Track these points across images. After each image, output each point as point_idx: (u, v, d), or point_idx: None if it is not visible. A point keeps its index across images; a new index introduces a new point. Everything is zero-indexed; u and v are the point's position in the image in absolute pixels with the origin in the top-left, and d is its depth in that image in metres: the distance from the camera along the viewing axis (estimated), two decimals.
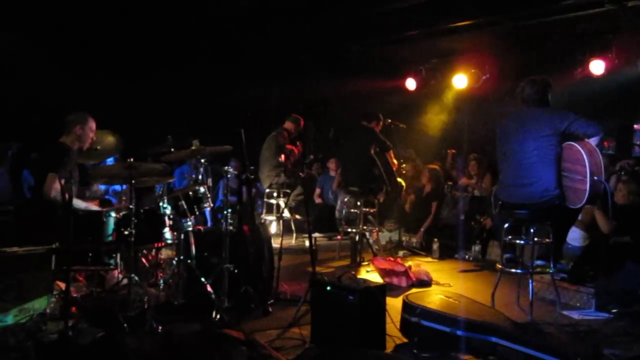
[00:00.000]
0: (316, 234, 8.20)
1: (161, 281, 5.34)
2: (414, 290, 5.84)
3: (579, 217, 6.09)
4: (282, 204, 8.91)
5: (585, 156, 4.77)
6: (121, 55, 8.97)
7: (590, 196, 4.77)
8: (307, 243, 7.66)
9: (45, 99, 8.34)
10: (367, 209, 7.88)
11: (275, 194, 9.00)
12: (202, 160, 5.65)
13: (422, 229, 8.73)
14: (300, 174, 7.32)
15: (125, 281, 4.93)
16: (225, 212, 5.28)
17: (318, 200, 10.42)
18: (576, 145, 4.90)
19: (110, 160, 7.00)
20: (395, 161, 8.29)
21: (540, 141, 5.03)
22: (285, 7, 8.14)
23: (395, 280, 6.30)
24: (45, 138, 5.71)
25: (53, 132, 5.69)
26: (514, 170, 5.22)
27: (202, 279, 5.05)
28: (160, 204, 5.22)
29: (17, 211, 5.51)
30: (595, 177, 4.73)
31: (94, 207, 5.50)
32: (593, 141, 4.93)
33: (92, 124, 5.53)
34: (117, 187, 6.87)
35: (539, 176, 5.03)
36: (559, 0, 7.48)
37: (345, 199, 8.11)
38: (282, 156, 8.85)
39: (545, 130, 5.03)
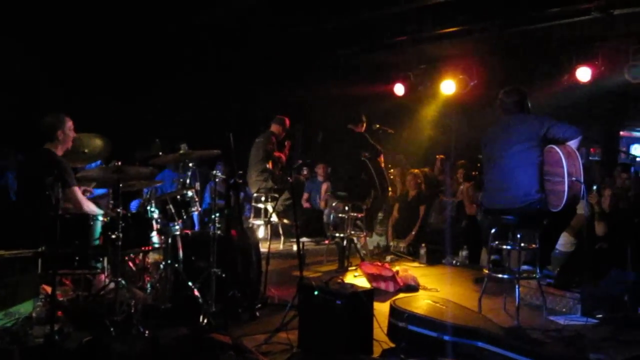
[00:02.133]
0: (304, 239, 8.20)
1: (148, 285, 5.31)
2: (401, 295, 5.84)
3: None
4: (270, 209, 8.89)
5: (563, 158, 4.87)
6: (109, 60, 8.95)
7: (569, 197, 4.84)
8: (294, 247, 7.65)
9: (32, 103, 8.31)
10: (355, 214, 7.88)
11: (263, 198, 8.98)
12: (190, 164, 5.64)
13: (413, 232, 8.76)
14: (289, 178, 7.30)
15: (112, 285, 4.89)
16: (212, 216, 5.27)
17: (306, 205, 10.42)
18: (555, 147, 5.00)
19: (95, 164, 6.95)
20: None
21: (521, 146, 5.14)
22: (274, 12, 8.14)
23: (382, 285, 6.31)
24: (30, 142, 5.65)
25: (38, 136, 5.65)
26: (497, 175, 5.32)
27: (190, 283, 5.03)
28: (148, 207, 5.20)
29: (2, 214, 5.46)
30: (573, 178, 4.81)
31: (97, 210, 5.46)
32: (573, 144, 5.01)
33: (70, 123, 5.40)
34: (100, 191, 6.80)
35: (520, 181, 5.11)
36: (546, 7, 7.54)
37: (333, 204, 8.11)
38: (270, 163, 8.84)
39: (525, 136, 5.15)
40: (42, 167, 5.09)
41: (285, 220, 9.30)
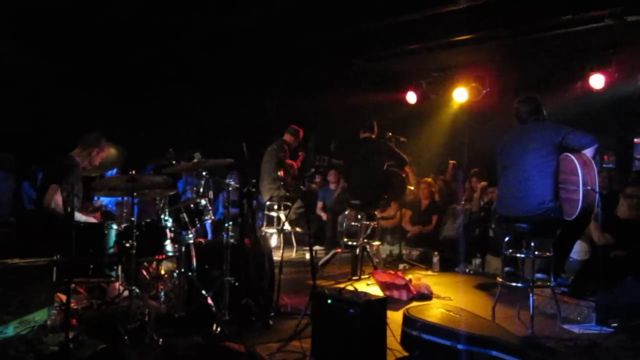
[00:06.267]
0: (317, 247, 8.20)
1: (162, 293, 5.34)
2: (414, 303, 5.83)
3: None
4: (282, 217, 8.91)
5: (578, 166, 4.86)
6: (124, 69, 9.02)
7: (583, 206, 4.82)
8: (307, 256, 7.65)
9: (46, 111, 8.39)
10: (368, 223, 7.87)
11: (275, 207, 9.00)
12: (204, 173, 5.67)
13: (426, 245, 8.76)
14: (302, 187, 7.31)
15: (126, 293, 4.93)
16: (226, 224, 5.29)
17: (320, 213, 10.41)
18: (570, 155, 5.00)
19: (109, 173, 7.01)
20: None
21: (536, 154, 5.15)
22: (286, 21, 8.17)
23: (395, 294, 6.30)
24: (45, 150, 5.75)
25: (53, 144, 5.74)
26: (512, 183, 5.32)
27: (203, 292, 5.05)
28: (162, 216, 5.23)
29: (18, 223, 5.53)
30: (588, 187, 4.80)
31: (93, 220, 5.52)
32: (589, 153, 5.01)
33: (105, 152, 5.69)
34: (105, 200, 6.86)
35: (534, 189, 5.12)
36: (559, 14, 7.51)
37: (346, 212, 8.10)
38: (282, 171, 8.86)
39: (541, 144, 5.16)
40: (55, 171, 5.22)
41: (298, 229, 9.32)
